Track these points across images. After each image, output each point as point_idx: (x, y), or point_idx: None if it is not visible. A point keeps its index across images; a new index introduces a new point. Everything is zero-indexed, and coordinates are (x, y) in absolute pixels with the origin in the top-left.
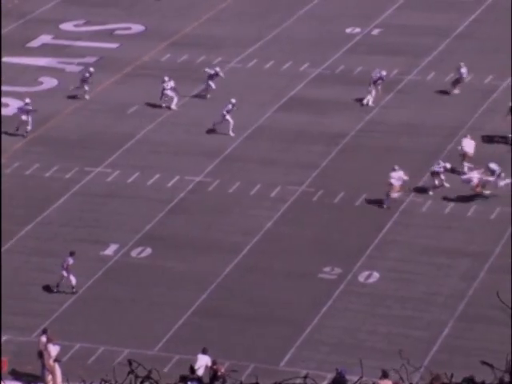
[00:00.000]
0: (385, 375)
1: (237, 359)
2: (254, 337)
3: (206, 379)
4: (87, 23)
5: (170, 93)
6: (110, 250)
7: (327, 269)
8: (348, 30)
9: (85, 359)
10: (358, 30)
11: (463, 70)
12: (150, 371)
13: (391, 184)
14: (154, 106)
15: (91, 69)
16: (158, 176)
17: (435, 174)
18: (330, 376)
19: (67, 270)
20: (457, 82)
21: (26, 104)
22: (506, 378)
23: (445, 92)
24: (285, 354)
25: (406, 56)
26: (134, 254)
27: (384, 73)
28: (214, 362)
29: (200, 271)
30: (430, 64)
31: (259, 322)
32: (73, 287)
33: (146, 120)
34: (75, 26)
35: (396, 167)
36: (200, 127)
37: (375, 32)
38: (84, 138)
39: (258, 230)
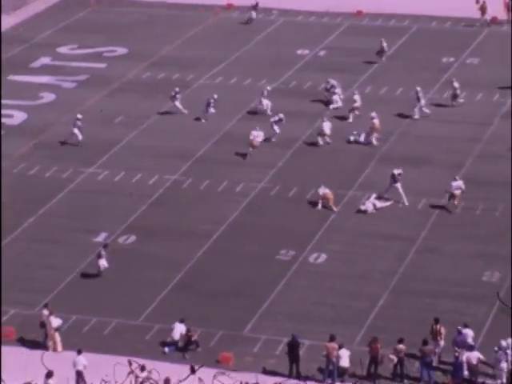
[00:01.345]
0: (332, 339)
1: (208, 327)
2: (222, 308)
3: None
4: (80, 47)
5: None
6: (101, 238)
7: (283, 251)
8: (299, 52)
9: (80, 329)
10: (306, 51)
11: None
12: (149, 371)
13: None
14: (135, 116)
15: (215, 95)
16: (140, 175)
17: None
18: (286, 340)
19: (99, 257)
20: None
21: (78, 119)
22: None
23: (380, 102)
24: (248, 322)
25: (347, 73)
26: (120, 240)
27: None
28: (188, 330)
29: (176, 254)
30: (367, 80)
31: (226, 296)
32: (99, 270)
33: (129, 128)
34: (70, 49)
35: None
36: (175, 134)
37: (321, 53)
38: (78, 144)
39: (225, 219)
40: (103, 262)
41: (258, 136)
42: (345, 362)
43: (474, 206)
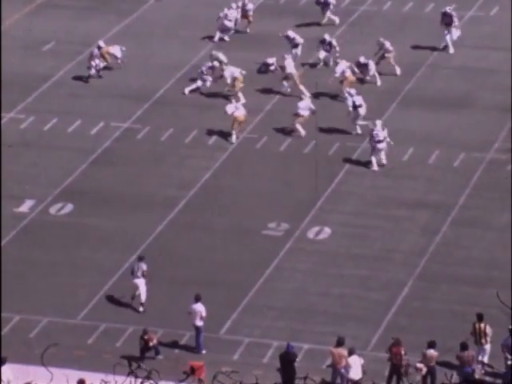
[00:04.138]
0: (339, 342)
1: (172, 327)
2: (191, 302)
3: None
4: None
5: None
6: (25, 207)
7: (272, 225)
8: None
9: None
10: None
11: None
12: (150, 371)
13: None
14: (72, 41)
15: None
16: (78, 122)
17: None
18: (277, 344)
19: (133, 274)
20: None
21: (99, 48)
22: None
23: (404, 23)
24: (226, 320)
25: None
26: (52, 210)
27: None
28: (144, 332)
29: (129, 230)
30: None
31: (197, 285)
32: (134, 295)
33: (64, 58)
34: None
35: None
36: (128, 68)
37: None
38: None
39: (195, 182)
40: (141, 285)
41: (238, 108)
42: (356, 372)
43: None
